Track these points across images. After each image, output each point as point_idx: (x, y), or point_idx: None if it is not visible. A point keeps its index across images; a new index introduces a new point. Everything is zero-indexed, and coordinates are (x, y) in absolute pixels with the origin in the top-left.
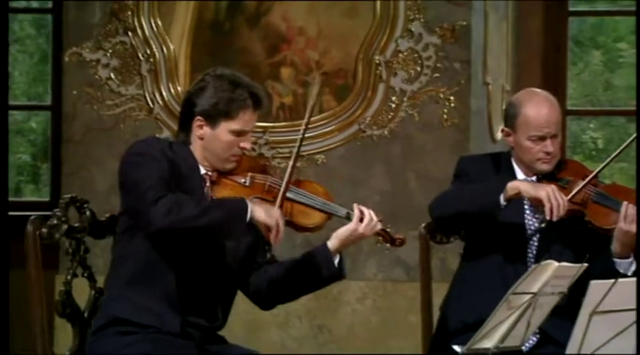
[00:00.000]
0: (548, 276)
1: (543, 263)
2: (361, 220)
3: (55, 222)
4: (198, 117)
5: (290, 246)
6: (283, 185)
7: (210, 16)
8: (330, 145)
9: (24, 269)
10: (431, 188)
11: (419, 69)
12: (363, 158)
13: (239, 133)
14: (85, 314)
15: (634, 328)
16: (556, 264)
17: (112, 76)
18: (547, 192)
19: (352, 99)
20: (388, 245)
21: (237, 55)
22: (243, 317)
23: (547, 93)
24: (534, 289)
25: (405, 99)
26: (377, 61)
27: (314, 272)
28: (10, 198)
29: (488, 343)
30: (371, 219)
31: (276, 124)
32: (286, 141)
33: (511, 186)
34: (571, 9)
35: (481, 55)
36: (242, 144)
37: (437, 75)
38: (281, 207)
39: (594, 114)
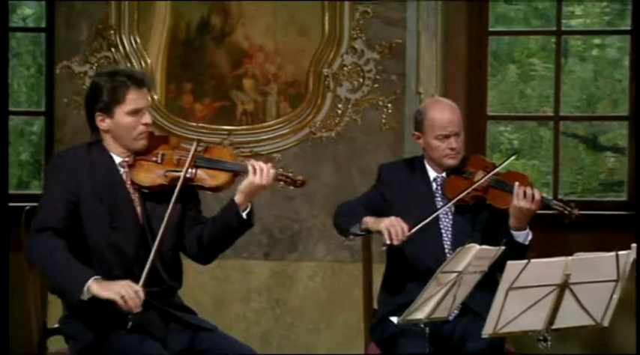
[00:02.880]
0: (471, 257)
1: (467, 246)
2: (255, 173)
3: None
4: (97, 113)
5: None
6: (182, 173)
7: (183, 35)
8: (286, 145)
9: (21, 252)
10: (371, 182)
11: (361, 80)
12: (314, 156)
13: (134, 112)
14: None
15: (544, 301)
16: (478, 246)
17: None
18: (385, 224)
19: (304, 106)
20: (291, 187)
21: (205, 68)
22: (210, 293)
23: (448, 100)
24: (459, 268)
25: (349, 106)
26: (325, 74)
27: (228, 225)
28: (14, 191)
29: (420, 314)
30: (262, 170)
31: (239, 127)
32: (248, 141)
33: (364, 221)
34: (491, 29)
35: (414, 69)
36: (143, 121)
37: (376, 85)
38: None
39: (510, 118)
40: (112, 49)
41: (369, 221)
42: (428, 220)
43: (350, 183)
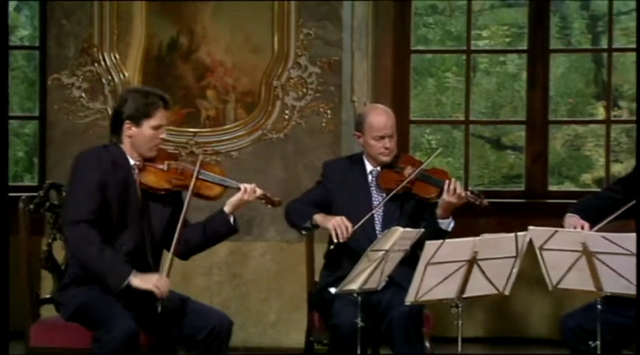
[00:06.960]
0: (396, 238)
1: (392, 228)
2: (245, 192)
3: (40, 200)
4: (127, 121)
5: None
6: (190, 187)
7: (155, 53)
8: (242, 145)
9: (18, 234)
10: (314, 176)
11: (305, 90)
12: (266, 154)
13: (157, 127)
14: (62, 267)
15: (456, 274)
16: (401, 229)
17: (83, 95)
18: (332, 223)
19: (257, 112)
20: (269, 205)
21: (174, 80)
22: (179, 268)
23: (384, 107)
24: (386, 247)
25: (295, 112)
26: (275, 85)
27: (216, 230)
28: (11, 183)
29: (354, 286)
30: (248, 190)
31: (203, 130)
32: (210, 142)
33: (314, 217)
34: (412, 48)
35: (349, 81)
36: (160, 136)
37: (318, 95)
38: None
39: (429, 123)
40: (96, 64)
41: (319, 218)
42: (367, 217)
43: (296, 176)
